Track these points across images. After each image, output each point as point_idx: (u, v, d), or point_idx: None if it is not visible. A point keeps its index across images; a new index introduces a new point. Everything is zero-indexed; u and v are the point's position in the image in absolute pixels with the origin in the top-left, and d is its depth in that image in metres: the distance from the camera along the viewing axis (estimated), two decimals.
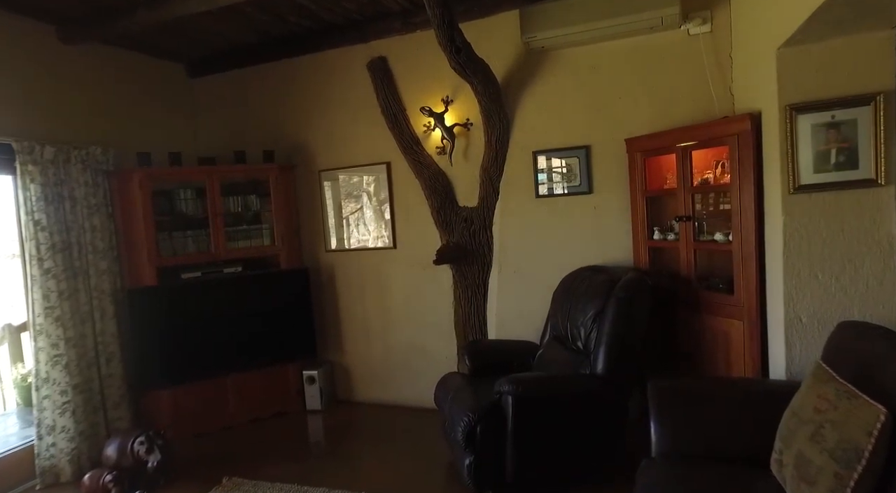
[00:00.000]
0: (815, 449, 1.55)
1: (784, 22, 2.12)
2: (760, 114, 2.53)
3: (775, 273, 2.41)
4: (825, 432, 1.54)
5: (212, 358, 3.93)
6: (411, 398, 4.17)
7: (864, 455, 1.43)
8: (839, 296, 2.24)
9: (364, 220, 4.23)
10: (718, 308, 2.82)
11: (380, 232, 4.18)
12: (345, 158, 4.22)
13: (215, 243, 3.94)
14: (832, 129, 2.19)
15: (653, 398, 2.24)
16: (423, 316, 4.11)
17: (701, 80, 3.21)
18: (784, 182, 2.27)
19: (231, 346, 3.98)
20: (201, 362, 3.90)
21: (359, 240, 4.25)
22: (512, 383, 2.67)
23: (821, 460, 1.52)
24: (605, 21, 3.19)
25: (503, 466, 2.72)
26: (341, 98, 4.17)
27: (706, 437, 2.11)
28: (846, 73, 2.15)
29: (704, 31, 3.17)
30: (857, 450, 1.44)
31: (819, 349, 2.25)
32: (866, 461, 1.42)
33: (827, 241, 2.24)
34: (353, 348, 4.36)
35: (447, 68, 3.75)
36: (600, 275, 3.15)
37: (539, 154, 3.64)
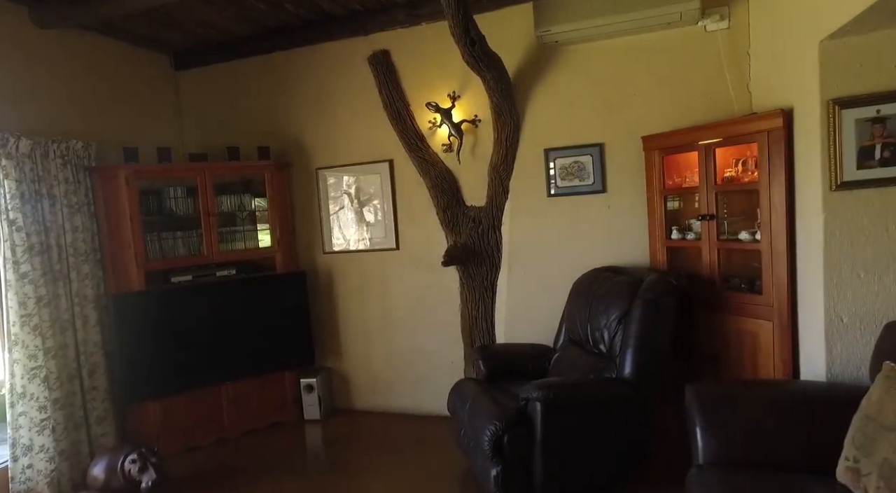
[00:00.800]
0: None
1: (831, 14, 2.07)
2: (792, 110, 2.48)
3: (812, 272, 2.36)
4: None
5: (204, 367, 3.68)
6: (415, 406, 4.01)
7: None
8: (882, 295, 2.20)
9: (365, 220, 4.04)
10: (746, 309, 2.77)
11: (382, 232, 4.00)
12: (344, 156, 4.04)
13: (207, 245, 3.70)
14: (877, 123, 2.15)
15: (696, 404, 2.15)
16: (427, 320, 3.96)
17: (718, 78, 3.17)
18: (825, 179, 2.22)
19: (224, 353, 3.75)
20: (193, 372, 3.65)
21: (359, 241, 4.07)
22: (541, 388, 2.55)
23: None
24: (623, 16, 3.11)
25: (531, 475, 2.60)
26: (340, 93, 3.99)
27: (756, 443, 2.03)
28: (893, 66, 2.11)
29: (722, 27, 3.13)
30: None
31: (861, 350, 2.23)
32: None
33: (870, 239, 2.20)
34: (352, 355, 4.17)
35: (453, 63, 3.64)
36: (621, 276, 3.06)
37: (551, 152, 3.54)
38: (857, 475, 1.66)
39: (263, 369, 3.88)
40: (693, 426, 2.15)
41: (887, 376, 1.72)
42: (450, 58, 3.67)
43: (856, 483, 1.66)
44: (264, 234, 3.96)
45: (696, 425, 2.13)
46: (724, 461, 2.03)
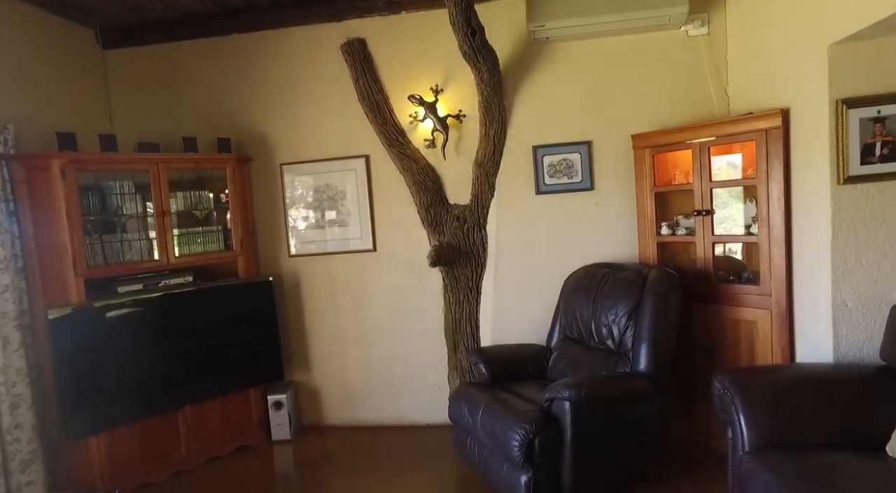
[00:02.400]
0: None
1: (843, 22, 2.23)
2: (789, 110, 2.64)
3: (816, 261, 2.52)
4: None
5: (158, 390, 3.20)
6: (395, 417, 3.79)
7: None
8: (881, 281, 2.40)
9: (338, 220, 3.75)
10: (742, 300, 2.90)
11: (357, 233, 3.74)
12: (314, 151, 3.73)
13: (161, 249, 3.22)
14: (878, 123, 2.35)
15: (736, 392, 2.19)
16: (407, 325, 3.75)
17: (699, 80, 3.33)
18: (833, 174, 2.38)
19: (182, 373, 3.28)
20: (145, 397, 3.15)
21: (331, 242, 3.76)
22: (570, 387, 2.48)
23: None
24: (616, 15, 3.16)
25: (559, 478, 2.52)
26: (310, 83, 3.69)
27: (799, 426, 2.11)
28: (892, 71, 2.32)
29: (703, 33, 3.29)
30: None
31: (864, 332, 2.41)
32: None
33: (871, 229, 2.39)
34: (323, 366, 3.85)
35: (436, 55, 3.53)
36: (623, 271, 3.09)
37: (539, 149, 3.52)
38: None
39: (228, 389, 3.46)
40: (734, 414, 2.19)
41: None
42: (432, 50, 3.55)
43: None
44: (225, 236, 3.53)
45: (738, 412, 2.17)
46: (770, 445, 2.08)
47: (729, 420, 2.24)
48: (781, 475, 1.89)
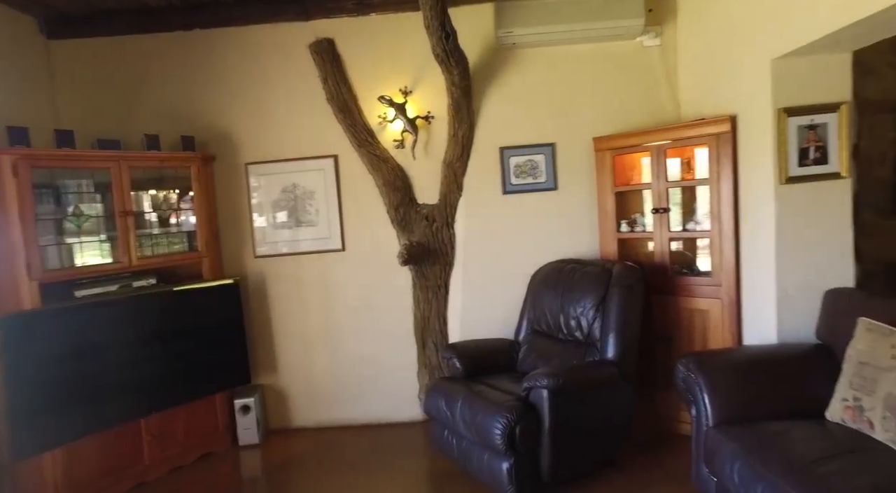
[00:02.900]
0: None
1: (784, 40, 2.50)
2: (736, 116, 2.91)
3: (761, 254, 2.79)
4: None
5: (120, 399, 3.05)
6: (366, 416, 3.80)
7: None
8: (815, 270, 2.68)
9: (305, 220, 3.73)
10: (696, 291, 3.15)
11: (325, 233, 3.72)
12: (281, 150, 3.69)
13: (123, 250, 3.09)
14: (811, 130, 2.64)
15: (700, 373, 2.39)
16: (376, 323, 3.78)
17: (653, 88, 3.58)
18: (777, 175, 2.65)
19: (145, 380, 3.14)
20: (105, 407, 2.99)
21: (298, 242, 3.73)
22: (549, 376, 2.61)
23: None
24: (579, 24, 3.35)
25: (537, 464, 2.64)
26: (277, 82, 3.65)
27: (754, 400, 2.33)
28: (822, 85, 2.61)
29: (656, 44, 3.54)
30: None
31: (803, 315, 2.68)
32: None
33: (806, 223, 2.67)
34: (290, 367, 3.80)
35: (405, 57, 3.60)
36: (588, 266, 3.27)
37: (506, 150, 3.65)
38: (860, 412, 2.01)
39: (193, 394, 3.35)
40: (698, 394, 2.39)
41: (869, 330, 2.12)
42: (401, 52, 3.62)
43: (857, 418, 2.02)
44: (189, 237, 3.42)
45: (702, 392, 2.37)
46: (731, 419, 2.28)
47: (693, 400, 2.44)
48: (744, 443, 2.09)
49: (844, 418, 2.08)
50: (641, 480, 2.78)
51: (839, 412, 2.11)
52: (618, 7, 3.36)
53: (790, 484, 1.81)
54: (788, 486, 1.81)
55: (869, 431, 1.98)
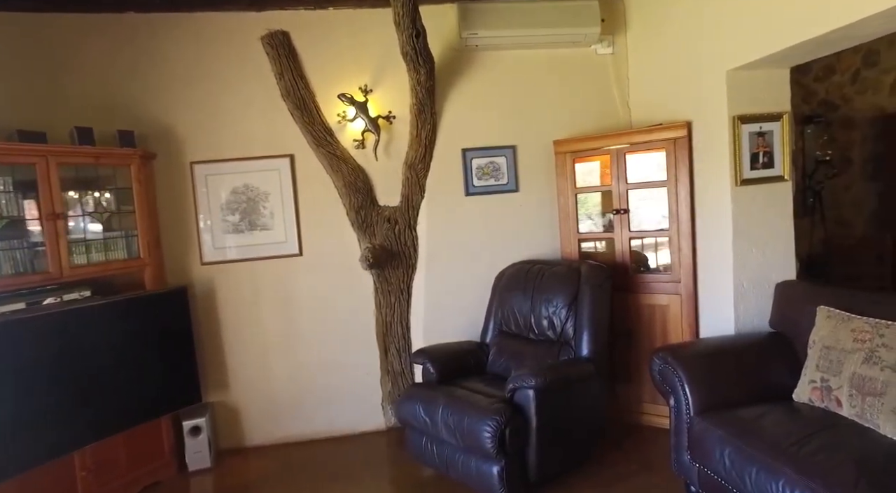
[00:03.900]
0: (874, 369, 2.04)
1: (737, 54, 2.72)
2: (691, 123, 3.11)
3: (719, 251, 2.99)
4: (881, 354, 2.04)
5: (48, 431, 2.65)
6: (328, 428, 3.62)
7: None
8: (766, 265, 2.92)
9: (259, 224, 3.49)
10: (656, 287, 3.32)
11: (281, 237, 3.51)
12: (231, 149, 3.43)
13: (53, 259, 2.71)
14: (760, 136, 2.87)
15: (680, 366, 2.51)
16: (337, 330, 3.62)
17: (607, 94, 3.74)
18: (732, 177, 2.86)
19: (78, 407, 2.76)
20: (30, 441, 2.59)
21: (251, 248, 3.48)
22: (535, 376, 2.62)
23: (883, 376, 2.01)
24: (541, 30, 3.43)
25: (526, 465, 2.64)
26: (227, 75, 3.39)
27: (725, 389, 2.48)
28: (768, 95, 2.86)
29: (608, 52, 3.70)
30: None
31: (756, 307, 2.91)
32: None
33: (758, 222, 2.90)
34: (243, 382, 3.53)
35: (365, 55, 3.51)
36: (555, 267, 3.33)
37: (468, 152, 3.64)
38: (828, 392, 2.20)
39: (136, 419, 3.00)
40: (677, 384, 2.50)
41: (828, 317, 2.33)
42: (361, 49, 3.51)
43: (825, 398, 2.21)
44: (128, 243, 3.07)
45: (682, 382, 2.48)
46: (711, 407, 2.41)
47: (672, 391, 2.55)
48: (729, 428, 2.22)
49: (812, 398, 2.27)
50: (619, 472, 2.87)
51: (807, 393, 2.29)
52: (576, 15, 3.48)
53: (783, 464, 1.94)
54: (781, 465, 1.94)
55: (836, 409, 2.17)
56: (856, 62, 4.60)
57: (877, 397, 2.02)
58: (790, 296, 2.74)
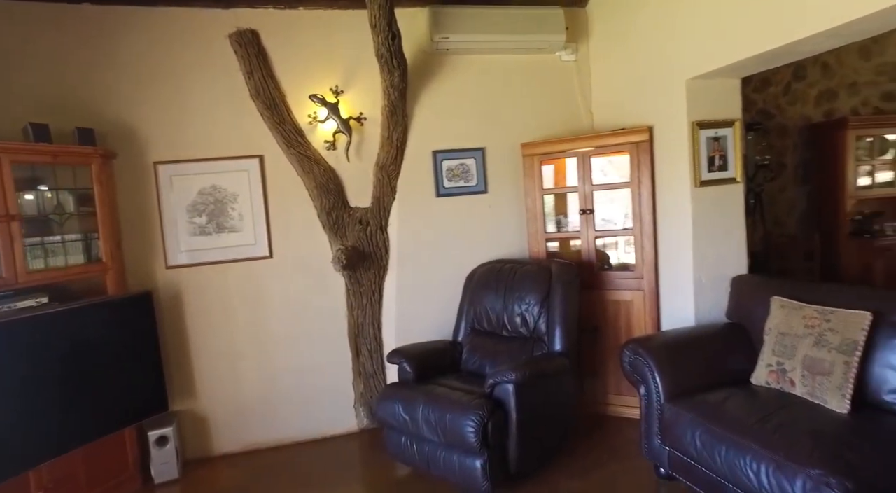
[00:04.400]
0: (822, 351, 2.26)
1: (694, 64, 2.92)
2: (652, 128, 3.30)
3: (679, 248, 3.19)
4: (828, 337, 2.26)
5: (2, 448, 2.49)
6: (301, 432, 3.57)
7: (859, 345, 2.18)
8: (722, 260, 3.14)
9: (227, 226, 3.40)
10: (620, 284, 3.49)
11: (251, 239, 3.44)
12: (198, 149, 3.33)
13: (7, 263, 2.55)
14: (715, 141, 3.09)
15: (650, 356, 2.66)
16: (309, 333, 3.58)
17: (570, 99, 3.90)
18: (692, 179, 3.06)
19: (35, 423, 2.60)
20: None
21: (219, 250, 3.39)
22: (514, 371, 2.70)
23: (830, 356, 2.23)
24: (509, 35, 3.54)
25: (507, 458, 2.72)
26: (193, 73, 3.30)
27: (690, 376, 2.65)
28: (722, 103, 3.08)
29: (572, 59, 3.87)
30: (854, 343, 2.19)
31: (713, 300, 3.13)
32: (861, 349, 2.17)
33: (714, 221, 3.12)
34: (211, 388, 3.43)
35: (336, 56, 3.52)
36: (526, 265, 3.44)
37: (439, 154, 3.70)
38: (783, 374, 2.40)
39: (97, 431, 2.85)
40: (647, 374, 2.66)
41: (782, 306, 2.54)
42: (332, 50, 3.51)
43: (781, 379, 2.41)
44: (88, 246, 2.92)
45: (652, 371, 2.64)
46: (679, 394, 2.58)
47: (642, 380, 2.70)
48: (698, 412, 2.38)
49: (769, 380, 2.47)
50: (592, 461, 3.00)
51: (764, 376, 2.50)
52: (542, 23, 3.61)
53: (749, 441, 2.11)
54: (748, 442, 2.11)
55: (791, 389, 2.38)
56: (787, 76, 5.02)
57: (825, 377, 2.23)
58: (745, 289, 2.96)
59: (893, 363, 2.20)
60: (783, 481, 1.93)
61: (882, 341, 2.22)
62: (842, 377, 2.19)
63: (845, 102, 5.25)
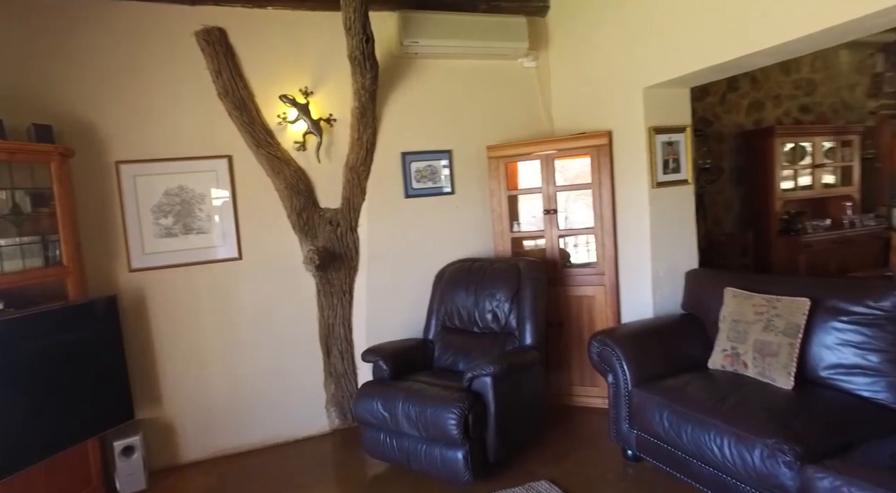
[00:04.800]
0: (770, 334, 2.51)
1: (650, 74, 3.16)
2: (612, 132, 3.52)
3: (638, 245, 3.42)
4: (775, 322, 2.51)
5: None
6: (273, 435, 3.54)
7: (801, 328, 2.44)
8: (676, 255, 3.40)
9: (195, 227, 3.33)
10: (583, 280, 3.68)
11: (219, 240, 3.38)
12: (163, 148, 3.24)
13: None
14: (669, 145, 3.34)
15: (618, 346, 2.85)
16: (279, 335, 3.55)
17: (532, 104, 4.08)
18: (650, 180, 3.30)
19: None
20: None
21: (186, 252, 3.31)
22: (492, 364, 2.82)
23: (777, 339, 2.48)
24: (476, 41, 3.67)
25: (485, 448, 2.83)
26: (157, 70, 3.21)
27: (654, 363, 2.86)
28: (675, 111, 3.34)
29: (533, 66, 4.05)
30: (797, 326, 2.45)
31: (670, 293, 3.37)
32: (803, 331, 2.44)
33: (669, 219, 3.37)
34: (178, 394, 3.33)
35: (305, 57, 3.55)
36: (495, 263, 3.57)
37: (408, 155, 3.77)
38: (736, 357, 2.64)
39: (59, 444, 2.72)
40: (615, 363, 2.85)
41: (734, 296, 2.79)
42: (301, 51, 3.52)
43: (735, 362, 2.65)
44: (46, 249, 2.79)
45: (620, 360, 2.83)
46: (644, 380, 2.78)
47: (610, 368, 2.89)
48: (665, 395, 2.58)
49: (724, 364, 2.71)
50: (562, 448, 3.15)
51: (720, 360, 2.74)
52: (506, 30, 3.77)
53: (712, 418, 2.32)
54: (711, 419, 2.32)
55: (743, 370, 2.62)
56: (723, 87, 5.44)
57: (773, 357, 2.49)
58: (698, 281, 3.22)
59: (827, 343, 2.48)
60: (743, 451, 2.15)
61: (818, 324, 2.50)
62: (787, 357, 2.45)
63: (771, 112, 5.76)
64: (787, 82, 5.84)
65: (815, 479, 1.89)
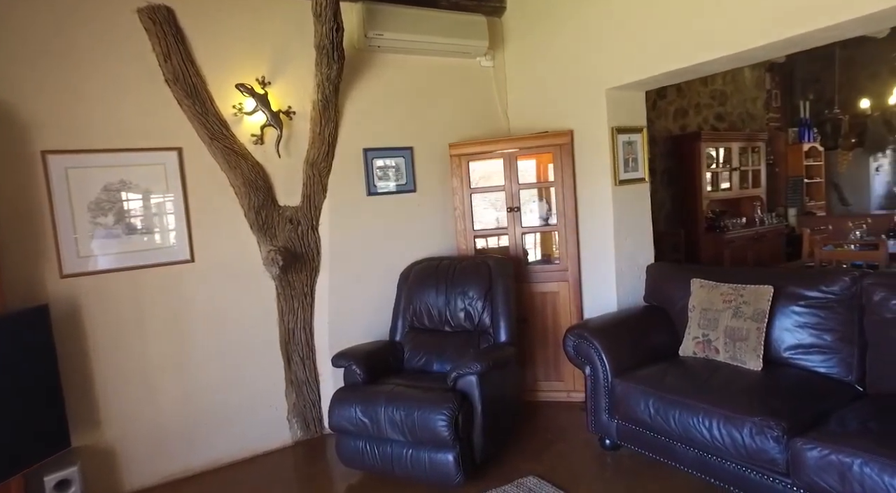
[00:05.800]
0: (740, 321, 2.68)
1: (611, 77, 3.29)
2: (573, 131, 3.62)
3: (600, 241, 3.53)
4: (743, 309, 2.69)
5: None
6: (229, 452, 3.26)
7: (766, 313, 2.64)
8: (633, 250, 3.56)
9: (139, 227, 2.99)
10: (547, 276, 3.75)
11: (169, 241, 3.06)
12: (100, 138, 2.88)
13: None
14: (629, 145, 3.50)
15: (597, 339, 2.91)
16: (236, 343, 3.28)
17: (490, 103, 4.11)
18: (613, 178, 3.42)
19: None
20: None
21: (129, 255, 2.96)
22: (477, 362, 2.78)
23: (746, 325, 2.66)
24: (438, 38, 3.64)
25: (472, 448, 2.78)
26: (94, 51, 2.84)
27: (629, 354, 2.96)
28: (633, 112, 3.50)
29: (490, 65, 4.08)
30: (763, 311, 2.64)
31: (631, 286, 3.53)
32: (767, 315, 2.64)
33: (630, 215, 3.52)
34: (120, 416, 2.96)
35: (264, 45, 3.40)
36: (463, 262, 3.53)
37: (369, 152, 3.65)
38: (708, 343, 2.80)
39: None
40: (593, 355, 2.91)
41: (701, 286, 2.95)
42: (258, 38, 3.32)
43: (707, 348, 2.80)
44: None
45: (599, 352, 2.89)
46: (623, 370, 2.86)
47: (588, 361, 2.95)
48: (648, 384, 2.67)
49: (696, 351, 2.87)
50: (539, 443, 3.17)
51: (691, 348, 2.89)
52: (466, 28, 3.78)
53: (698, 401, 2.43)
54: (697, 402, 2.43)
55: (715, 356, 2.78)
56: (653, 94, 5.81)
57: (743, 342, 2.67)
58: (661, 274, 3.37)
59: (787, 326, 2.69)
60: (732, 431, 2.27)
61: (779, 308, 2.71)
62: (756, 341, 2.64)
63: (693, 119, 6.24)
64: (706, 92, 6.36)
65: (804, 450, 2.03)
